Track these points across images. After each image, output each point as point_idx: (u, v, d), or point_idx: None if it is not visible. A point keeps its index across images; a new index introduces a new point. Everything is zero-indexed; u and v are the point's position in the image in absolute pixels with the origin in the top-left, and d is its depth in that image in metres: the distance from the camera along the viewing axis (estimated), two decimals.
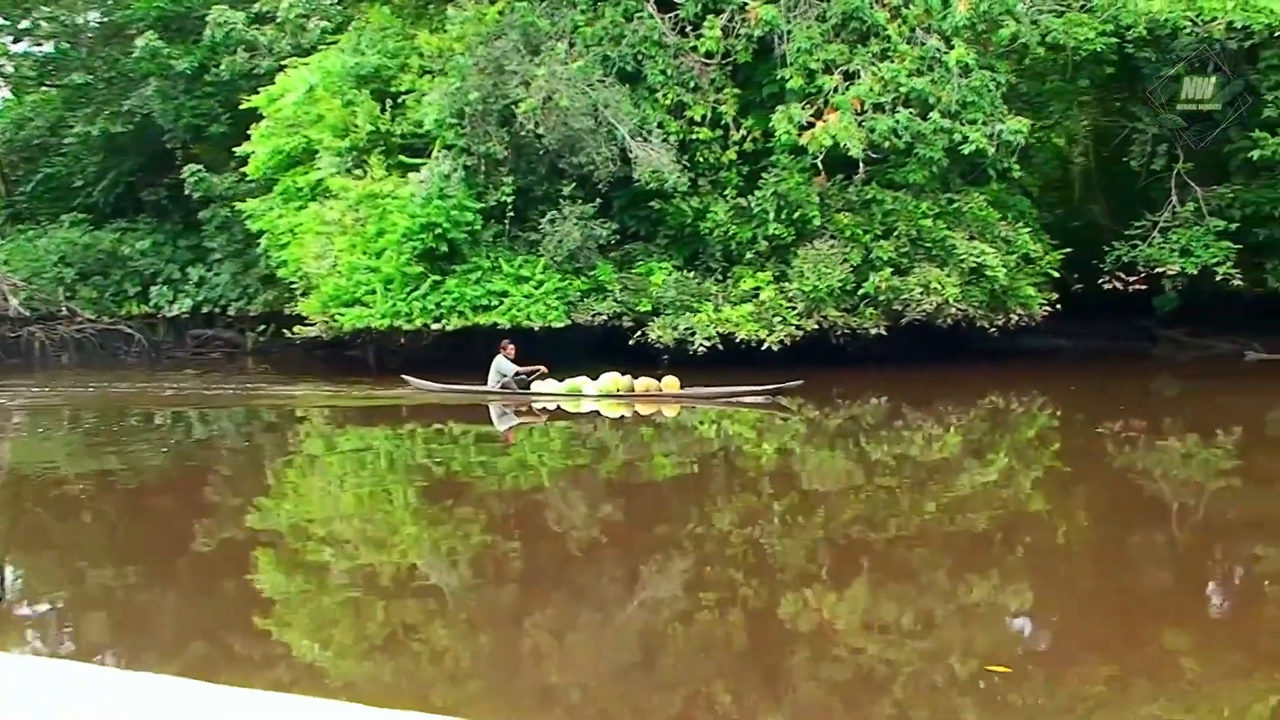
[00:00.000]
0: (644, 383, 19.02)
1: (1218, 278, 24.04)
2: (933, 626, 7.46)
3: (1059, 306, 24.06)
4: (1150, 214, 25.00)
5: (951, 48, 21.99)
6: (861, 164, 21.79)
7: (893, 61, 22.00)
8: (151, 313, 33.56)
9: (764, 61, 23.12)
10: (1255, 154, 23.89)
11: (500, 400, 19.68)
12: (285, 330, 25.32)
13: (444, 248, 22.37)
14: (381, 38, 25.42)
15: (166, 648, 7.64)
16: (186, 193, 30.43)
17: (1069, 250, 24.48)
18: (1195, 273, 24.17)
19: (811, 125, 21.65)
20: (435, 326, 22.33)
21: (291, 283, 25.77)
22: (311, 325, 24.04)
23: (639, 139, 21.96)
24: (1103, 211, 28.12)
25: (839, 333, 22.37)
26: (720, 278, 23.11)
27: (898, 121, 21.57)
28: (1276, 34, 22.82)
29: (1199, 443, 15.81)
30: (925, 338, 23.49)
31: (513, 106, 22.39)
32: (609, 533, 10.81)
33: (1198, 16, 22.85)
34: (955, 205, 23.05)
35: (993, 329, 23.25)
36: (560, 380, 19.41)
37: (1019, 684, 6.24)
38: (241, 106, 27.63)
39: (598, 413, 18.37)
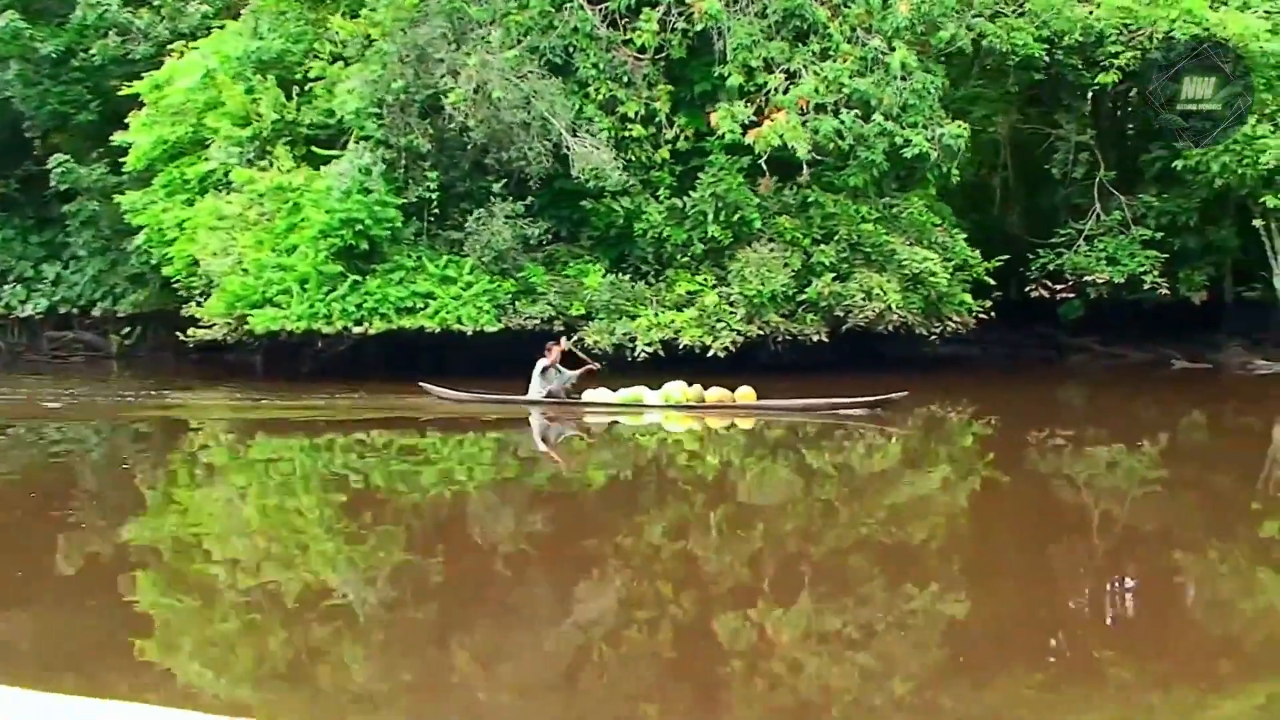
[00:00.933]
0: (716, 393, 17.42)
1: (1145, 286, 24.11)
2: (869, 637, 7.17)
3: (993, 315, 23.74)
4: (1074, 222, 24.94)
5: (892, 49, 21.51)
6: (805, 166, 21.12)
7: (834, 61, 21.41)
8: (4, 313, 31.09)
9: (697, 58, 22.32)
10: (1179, 164, 23.99)
11: (545, 412, 17.76)
12: (179, 332, 23.29)
13: (364, 245, 20.90)
14: (282, 22, 23.81)
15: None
16: (50, 185, 28.21)
17: (1006, 257, 24.19)
18: (1123, 281, 24.20)
19: (756, 124, 20.92)
20: (357, 330, 20.80)
21: (172, 281, 23.93)
22: (208, 327, 22.19)
23: (576, 135, 20.92)
24: (1019, 218, 28.01)
25: (779, 339, 21.63)
26: (652, 280, 22.16)
27: (842, 123, 20.99)
28: (1205, 44, 22.93)
29: (1163, 449, 15.75)
30: (840, 344, 22.76)
31: (439, 97, 21.19)
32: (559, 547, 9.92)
33: (1133, 25, 22.85)
34: (894, 210, 22.57)
35: (932, 336, 22.85)
36: (614, 389, 17.81)
37: (951, 692, 6.02)
38: (121, 93, 25.67)
39: (659, 426, 16.90)
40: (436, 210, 21.62)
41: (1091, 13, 23.00)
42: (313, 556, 9.37)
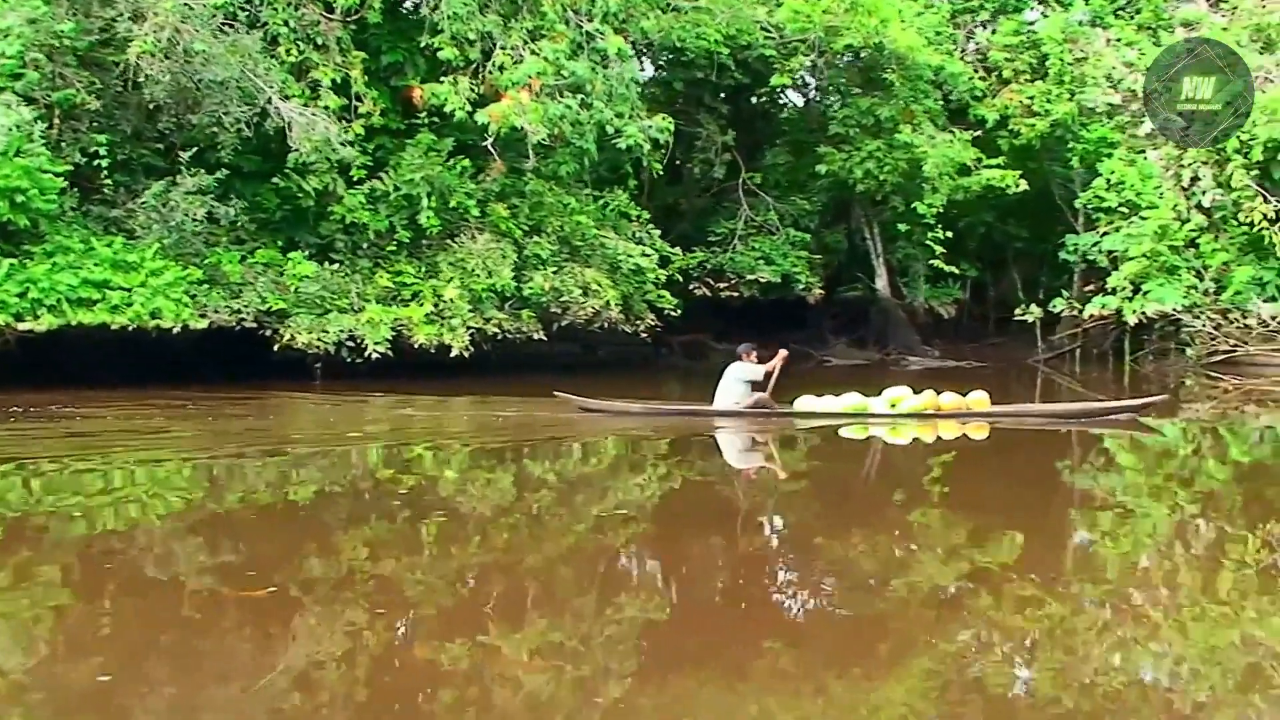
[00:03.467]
0: (950, 399, 14.93)
1: (801, 286, 24.86)
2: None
3: (679, 311, 23.36)
4: (725, 222, 25.29)
5: (601, 34, 20.58)
6: (533, 152, 19.68)
7: (548, 41, 20.12)
8: None
9: (389, 24, 20.23)
10: (823, 168, 24.95)
11: (741, 424, 14.68)
12: None
13: (24, 221, 16.92)
14: None
15: None
16: None
17: (702, 255, 23.99)
18: (779, 280, 24.81)
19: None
20: (22, 326, 16.71)
21: None
22: None
23: (287, 100, 18.16)
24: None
25: (499, 338, 20.00)
26: (347, 272, 19.72)
27: (568, 108, 19.74)
28: (861, 53, 23.96)
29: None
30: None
31: (105, 45, 17.67)
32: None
33: (807, 31, 23.42)
34: (601, 201, 21.65)
35: (646, 334, 22.18)
36: (819, 396, 15.07)
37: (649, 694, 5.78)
38: None
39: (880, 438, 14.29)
40: (109, 181, 17.96)
41: (772, 14, 23.36)
42: None
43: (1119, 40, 24.73)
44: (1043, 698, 5.60)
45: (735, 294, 25.70)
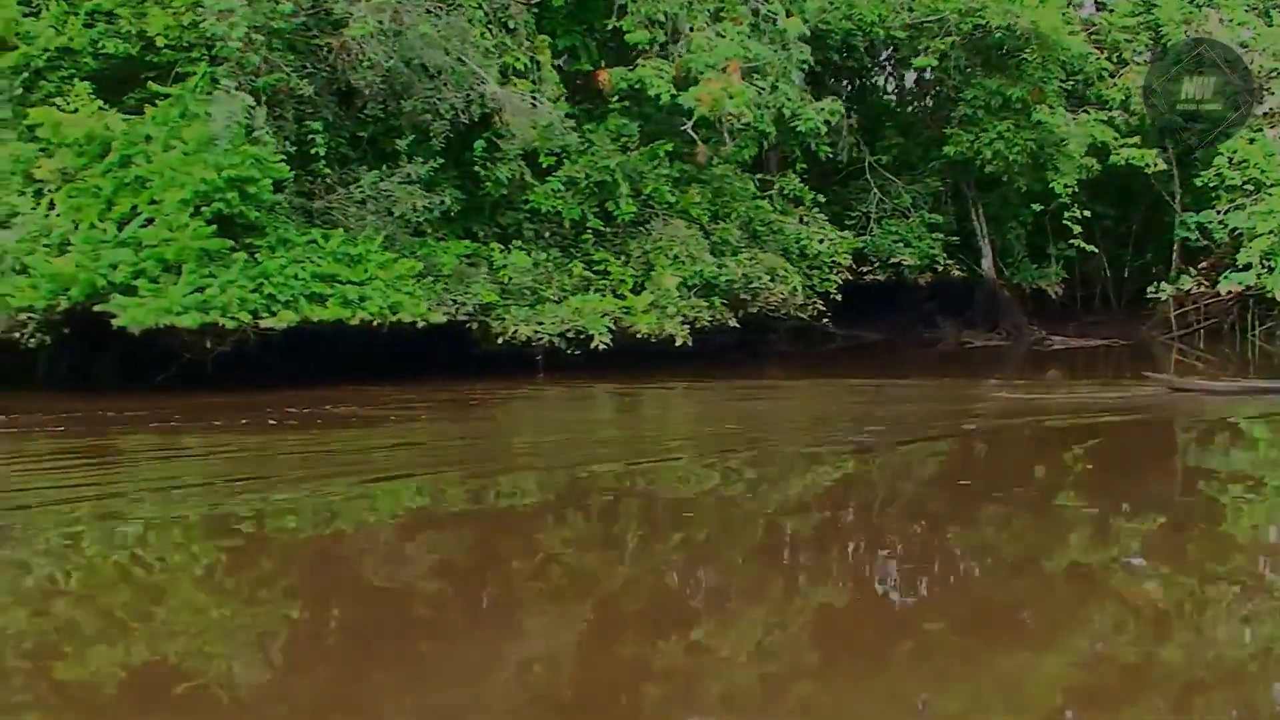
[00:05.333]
0: None
1: (939, 268, 24.71)
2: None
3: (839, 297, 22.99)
4: (859, 206, 25.05)
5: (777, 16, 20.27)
6: (729, 136, 19.27)
7: (731, 23, 19.75)
8: None
9: (566, 8, 19.70)
10: (950, 150, 24.82)
11: None
12: None
13: (253, 214, 16.07)
14: None
15: None
16: None
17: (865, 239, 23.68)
18: (916, 262, 24.63)
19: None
20: (267, 323, 15.83)
21: None
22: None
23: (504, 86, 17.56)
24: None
25: (700, 326, 19.48)
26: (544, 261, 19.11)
27: (759, 91, 19.38)
28: (996, 33, 23.81)
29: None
30: None
31: (311, 28, 16.93)
32: None
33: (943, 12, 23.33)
34: (778, 186, 21.29)
35: (825, 319, 21.88)
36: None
37: None
38: None
39: None
40: (326, 171, 17.19)
41: None
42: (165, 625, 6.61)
43: (1231, 20, 25.04)
44: None
45: (876, 278, 25.46)
